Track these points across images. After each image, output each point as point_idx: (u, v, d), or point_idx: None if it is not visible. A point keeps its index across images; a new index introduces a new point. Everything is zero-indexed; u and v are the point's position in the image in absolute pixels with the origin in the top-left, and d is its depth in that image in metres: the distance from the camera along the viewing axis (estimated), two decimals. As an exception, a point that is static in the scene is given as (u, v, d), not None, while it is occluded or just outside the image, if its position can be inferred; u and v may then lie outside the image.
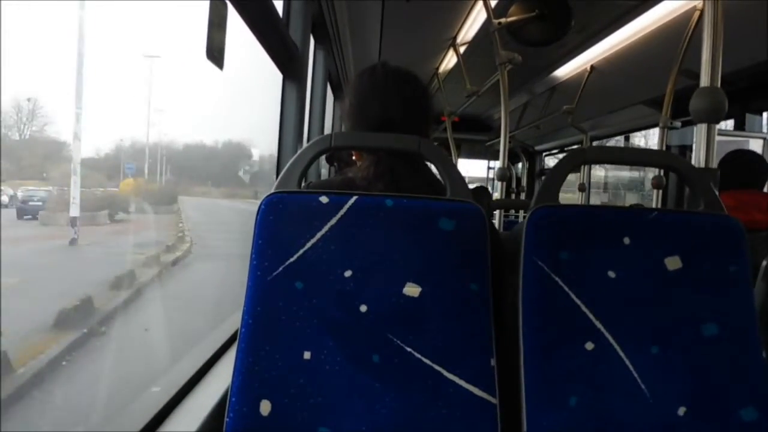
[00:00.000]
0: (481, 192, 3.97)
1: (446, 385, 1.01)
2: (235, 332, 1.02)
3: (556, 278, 1.05)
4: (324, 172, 3.41)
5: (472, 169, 8.14)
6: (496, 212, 3.44)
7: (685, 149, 4.19)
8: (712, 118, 1.41)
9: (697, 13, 2.71)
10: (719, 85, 1.41)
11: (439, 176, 1.20)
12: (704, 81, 1.42)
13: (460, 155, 6.75)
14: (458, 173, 1.11)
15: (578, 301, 1.05)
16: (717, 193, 1.15)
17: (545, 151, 7.10)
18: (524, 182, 7.28)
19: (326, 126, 3.23)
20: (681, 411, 1.03)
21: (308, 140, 2.32)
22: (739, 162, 2.62)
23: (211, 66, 1.12)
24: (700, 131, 1.43)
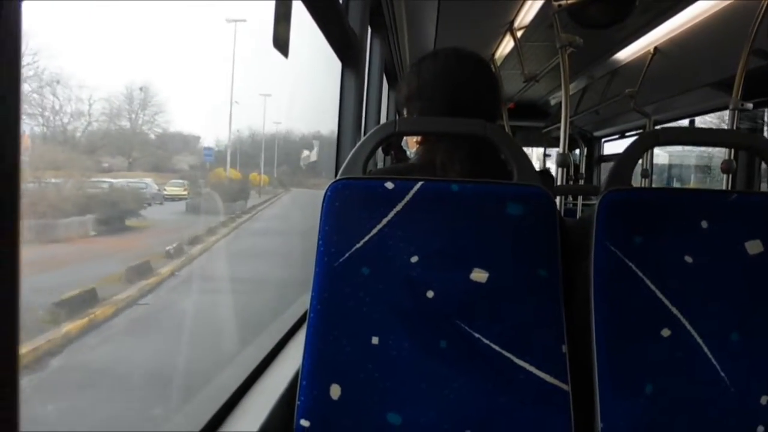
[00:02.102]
0: (545, 176, 3.91)
1: (516, 371, 1.00)
2: (304, 315, 1.04)
3: (630, 263, 1.02)
4: (380, 165, 3.42)
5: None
6: (557, 199, 3.38)
7: (755, 132, 4.01)
8: None
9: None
10: None
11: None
12: None
13: None
14: (525, 157, 1.10)
15: (653, 287, 1.02)
16: None
17: (604, 136, 6.91)
18: (582, 169, 7.11)
19: (382, 116, 3.24)
20: (764, 400, 0.99)
21: (365, 128, 2.33)
22: None
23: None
24: None
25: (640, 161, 4.98)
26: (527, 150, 8.00)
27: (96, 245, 1.37)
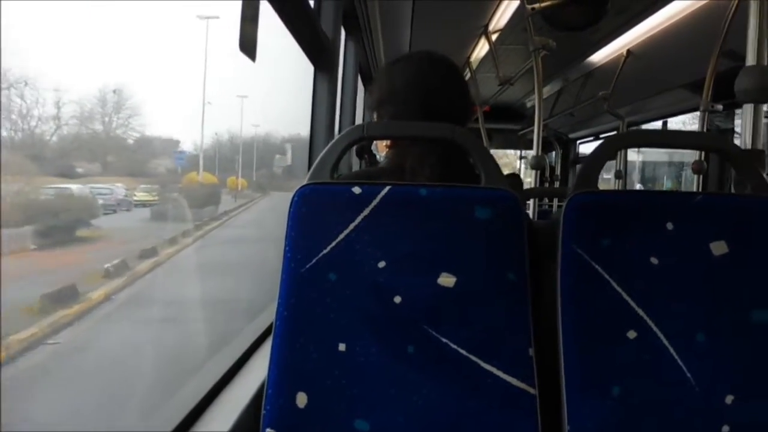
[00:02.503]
0: (514, 179, 3.92)
1: (484, 375, 0.99)
2: (271, 324, 1.02)
3: (596, 266, 1.02)
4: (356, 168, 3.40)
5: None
6: (530, 201, 3.39)
7: (726, 133, 4.07)
8: (760, 97, 1.36)
9: (739, -8, 2.61)
10: (766, 64, 1.36)
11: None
12: (750, 60, 1.37)
13: (491, 145, 6.69)
14: (493, 161, 1.09)
15: (619, 289, 1.02)
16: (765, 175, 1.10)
17: (579, 138, 6.98)
18: (558, 171, 7.17)
19: (357, 117, 3.22)
20: (729, 399, 1.00)
21: (339, 132, 2.32)
22: None
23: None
24: (746, 112, 1.38)
25: (613, 162, 5.04)
26: (505, 153, 8.05)
27: (25, 261, 1.12)
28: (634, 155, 6.64)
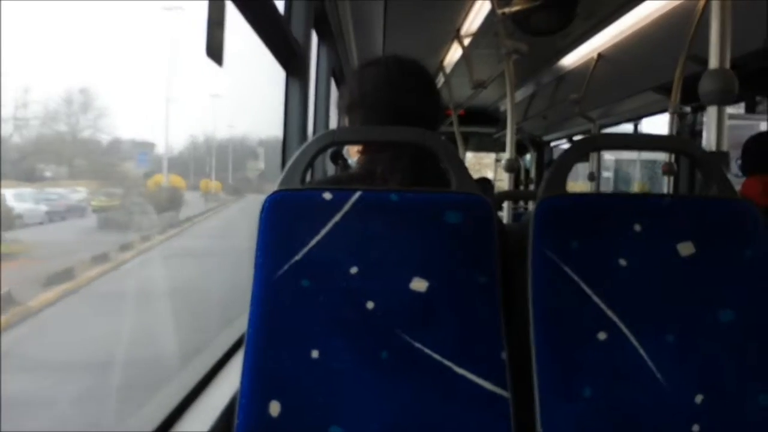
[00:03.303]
0: (484, 183, 3.95)
1: (457, 380, 0.99)
2: (242, 336, 1.01)
3: (566, 269, 1.03)
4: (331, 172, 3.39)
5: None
6: (505, 204, 3.41)
7: (695, 135, 4.14)
8: (723, 99, 1.38)
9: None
10: (728, 67, 1.39)
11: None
12: (713, 63, 1.39)
13: (468, 148, 6.72)
14: (463, 165, 1.10)
15: (589, 291, 1.03)
16: (728, 176, 1.13)
17: (553, 141, 7.05)
18: (533, 173, 7.23)
19: (331, 122, 3.22)
20: (698, 399, 1.01)
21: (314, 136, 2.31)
22: (765, 145, 2.56)
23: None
24: (710, 114, 1.41)
25: (587, 164, 5.10)
26: (481, 155, 8.09)
27: None
28: (608, 154, 6.72)
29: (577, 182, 6.04)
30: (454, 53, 4.31)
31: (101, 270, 1.67)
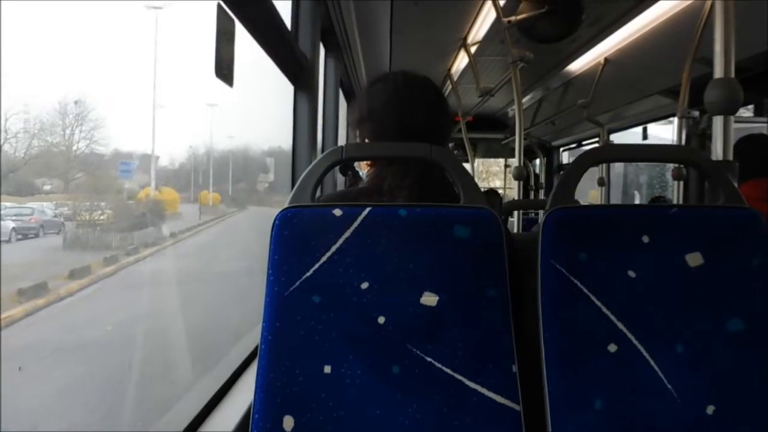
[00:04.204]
0: (492, 195, 3.96)
1: (469, 393, 1.00)
2: (256, 348, 1.02)
3: (575, 280, 1.04)
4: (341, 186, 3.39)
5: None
6: (515, 212, 3.41)
7: (705, 138, 4.13)
8: (728, 109, 1.39)
9: (709, 1, 2.66)
10: (733, 74, 1.39)
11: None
12: (717, 72, 1.39)
13: (476, 155, 6.73)
14: (471, 179, 1.11)
15: (599, 303, 1.04)
16: (736, 185, 1.13)
17: (562, 146, 7.03)
18: (542, 179, 7.22)
19: (340, 135, 3.24)
20: (710, 410, 1.01)
21: (323, 150, 2.33)
22: (756, 148, 2.51)
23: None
24: (716, 123, 1.41)
25: (596, 169, 5.08)
26: (490, 162, 8.09)
27: None
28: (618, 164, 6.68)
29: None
30: (462, 61, 4.32)
31: (23, 310, 1.30)
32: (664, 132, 5.33)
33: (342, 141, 3.41)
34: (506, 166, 7.87)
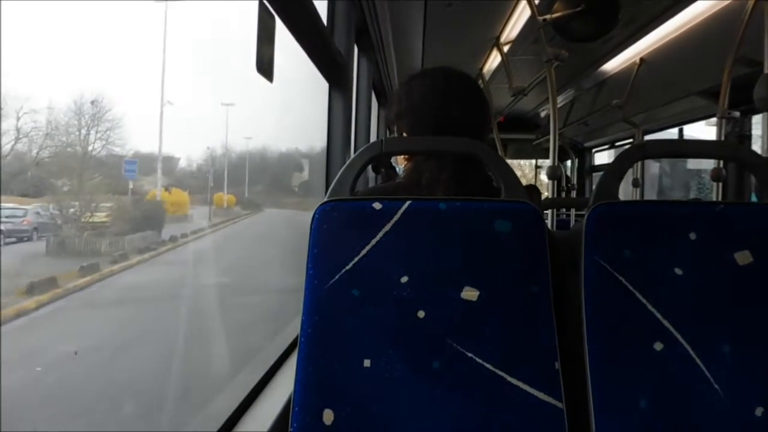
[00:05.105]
0: (532, 191, 3.92)
1: (510, 390, 0.99)
2: (295, 340, 1.03)
3: (620, 277, 1.02)
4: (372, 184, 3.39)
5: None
6: (548, 211, 3.38)
7: (743, 139, 4.04)
8: None
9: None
10: None
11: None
12: None
13: (507, 155, 6.68)
14: (513, 173, 1.10)
15: (644, 301, 1.02)
16: None
17: (594, 147, 6.95)
18: (574, 180, 7.14)
19: (372, 133, 3.24)
20: (759, 411, 0.98)
21: (355, 148, 2.33)
22: None
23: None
24: (765, 120, 1.37)
25: (630, 171, 5.00)
26: (519, 164, 8.02)
27: None
28: (649, 161, 6.58)
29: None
30: (494, 60, 4.30)
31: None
32: (700, 134, 5.23)
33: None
34: (537, 167, 7.80)
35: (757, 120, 3.67)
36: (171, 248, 1.89)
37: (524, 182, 5.63)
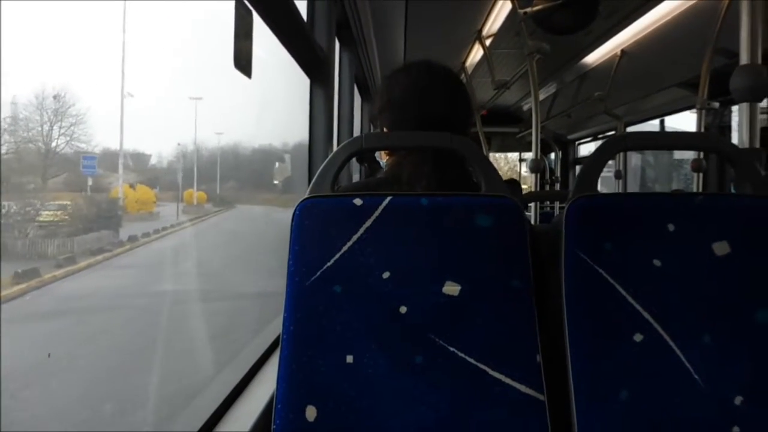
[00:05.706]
0: (512, 185, 3.93)
1: (492, 383, 0.99)
2: (278, 338, 1.02)
3: (600, 270, 1.03)
4: (356, 177, 3.38)
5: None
6: (531, 204, 3.39)
7: (724, 130, 4.08)
8: (755, 95, 1.36)
9: (731, -10, 2.62)
10: (760, 61, 1.36)
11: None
12: (744, 58, 1.37)
13: (491, 149, 6.70)
14: (492, 168, 1.10)
15: (624, 293, 1.02)
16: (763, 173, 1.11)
17: (578, 139, 6.99)
18: (558, 173, 7.18)
19: (355, 128, 3.23)
20: (737, 400, 1.00)
21: (338, 143, 2.32)
22: None
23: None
24: (742, 111, 1.39)
25: (612, 162, 5.04)
26: (506, 156, 8.05)
27: None
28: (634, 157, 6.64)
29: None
30: (476, 54, 4.30)
31: None
32: (681, 125, 5.27)
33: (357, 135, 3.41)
34: (521, 160, 7.84)
35: (736, 110, 3.72)
36: (128, 249, 1.73)
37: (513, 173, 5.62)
